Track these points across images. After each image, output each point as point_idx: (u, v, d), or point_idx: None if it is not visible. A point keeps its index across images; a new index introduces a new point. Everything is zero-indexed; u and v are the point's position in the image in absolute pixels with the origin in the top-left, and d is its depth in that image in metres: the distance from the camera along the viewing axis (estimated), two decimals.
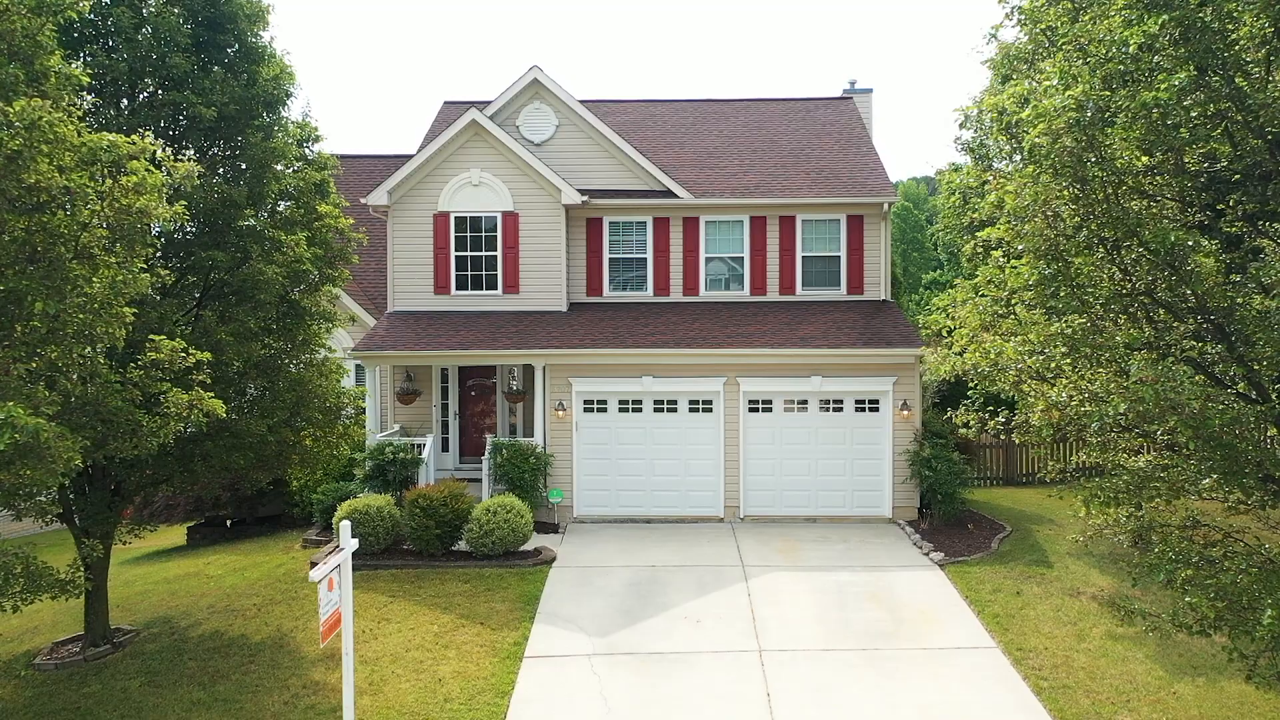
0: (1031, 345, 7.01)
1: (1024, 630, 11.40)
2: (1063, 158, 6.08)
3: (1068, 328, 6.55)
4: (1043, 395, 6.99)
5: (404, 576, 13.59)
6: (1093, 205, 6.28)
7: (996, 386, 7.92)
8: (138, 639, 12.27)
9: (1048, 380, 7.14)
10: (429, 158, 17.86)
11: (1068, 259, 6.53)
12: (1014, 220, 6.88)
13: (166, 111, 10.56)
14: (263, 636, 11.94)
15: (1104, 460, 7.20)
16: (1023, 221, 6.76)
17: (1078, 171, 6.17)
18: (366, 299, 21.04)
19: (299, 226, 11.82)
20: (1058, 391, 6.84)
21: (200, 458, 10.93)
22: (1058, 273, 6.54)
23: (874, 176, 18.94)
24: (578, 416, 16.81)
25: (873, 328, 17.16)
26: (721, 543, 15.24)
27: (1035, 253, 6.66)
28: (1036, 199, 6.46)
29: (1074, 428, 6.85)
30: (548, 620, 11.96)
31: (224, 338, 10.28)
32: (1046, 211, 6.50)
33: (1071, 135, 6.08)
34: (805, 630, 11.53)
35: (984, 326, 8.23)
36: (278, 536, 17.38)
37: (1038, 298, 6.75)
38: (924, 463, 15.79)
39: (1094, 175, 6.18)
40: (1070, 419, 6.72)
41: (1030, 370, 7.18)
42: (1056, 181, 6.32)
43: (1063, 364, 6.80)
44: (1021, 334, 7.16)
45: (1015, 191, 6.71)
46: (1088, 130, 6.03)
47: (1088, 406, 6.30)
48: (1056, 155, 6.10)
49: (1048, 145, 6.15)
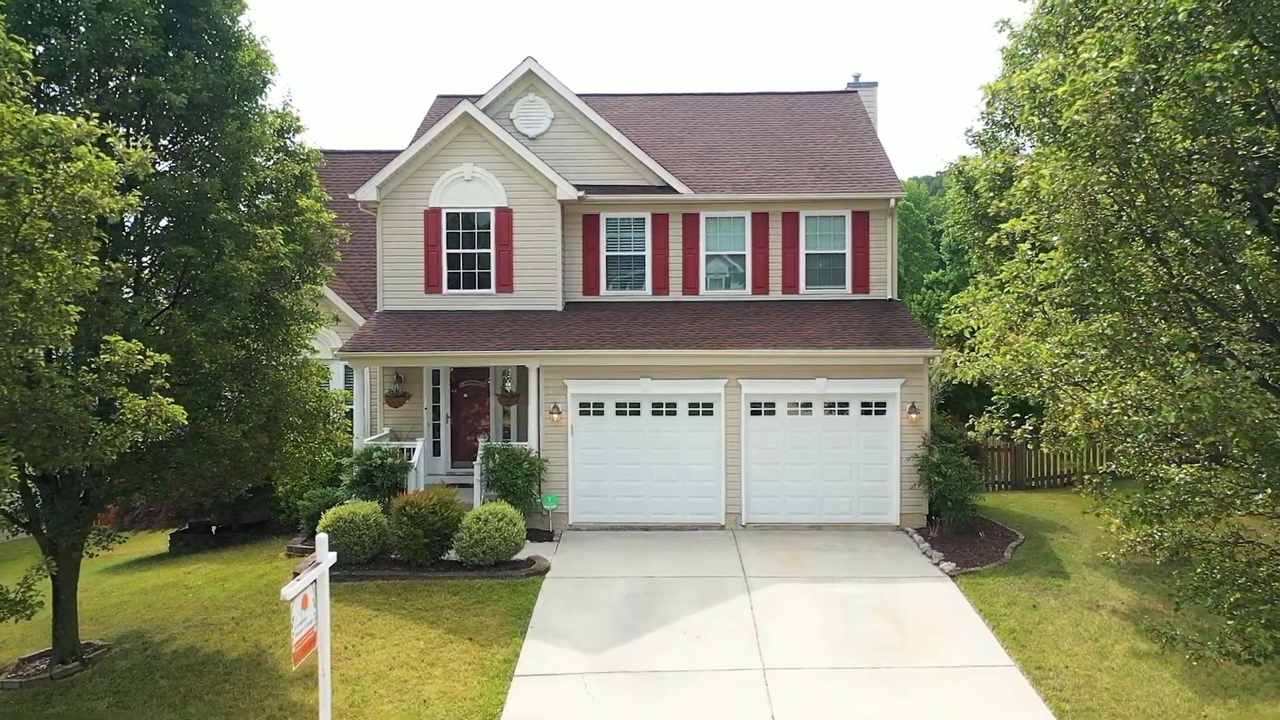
0: (1068, 347, 6.39)
1: (1042, 647, 10.79)
2: (1105, 137, 5.48)
3: (1108, 327, 5.94)
4: (1080, 402, 6.37)
5: (390, 588, 12.99)
6: (1134, 191, 5.67)
7: (1027, 392, 7.27)
8: (108, 655, 11.66)
9: (1084, 386, 6.51)
10: (419, 152, 17.27)
11: (1108, 251, 5.92)
12: (1045, 209, 6.27)
13: (134, 98, 9.95)
14: (240, 653, 11.34)
15: (1138, 471, 6.58)
16: (1055, 210, 6.15)
17: (1120, 153, 5.56)
18: (356, 298, 20.44)
19: (277, 221, 11.20)
20: (1096, 398, 6.22)
21: (172, 465, 10.32)
22: (1096, 266, 5.93)
23: (880, 171, 18.34)
24: (573, 420, 16.20)
25: (879, 327, 16.56)
26: (723, 552, 14.64)
27: (1072, 244, 6.04)
28: (1076, 183, 5.83)
29: (1114, 438, 6.23)
30: (540, 635, 11.36)
31: (195, 338, 9.66)
32: (1085, 198, 5.88)
33: (1116, 112, 5.48)
34: (811, 646, 10.94)
35: (1009, 326, 7.62)
36: (262, 544, 16.77)
37: (1073, 294, 6.14)
38: (933, 468, 15.18)
39: (1138, 157, 5.58)
40: (1111, 428, 6.10)
41: (1066, 374, 6.55)
42: (1097, 164, 5.71)
43: (1103, 367, 6.18)
44: (1054, 334, 6.55)
45: (1051, 175, 6.08)
46: (1133, 107, 5.43)
47: (1131, 415, 5.69)
48: (1098, 134, 5.49)
49: (1088, 123, 5.55)
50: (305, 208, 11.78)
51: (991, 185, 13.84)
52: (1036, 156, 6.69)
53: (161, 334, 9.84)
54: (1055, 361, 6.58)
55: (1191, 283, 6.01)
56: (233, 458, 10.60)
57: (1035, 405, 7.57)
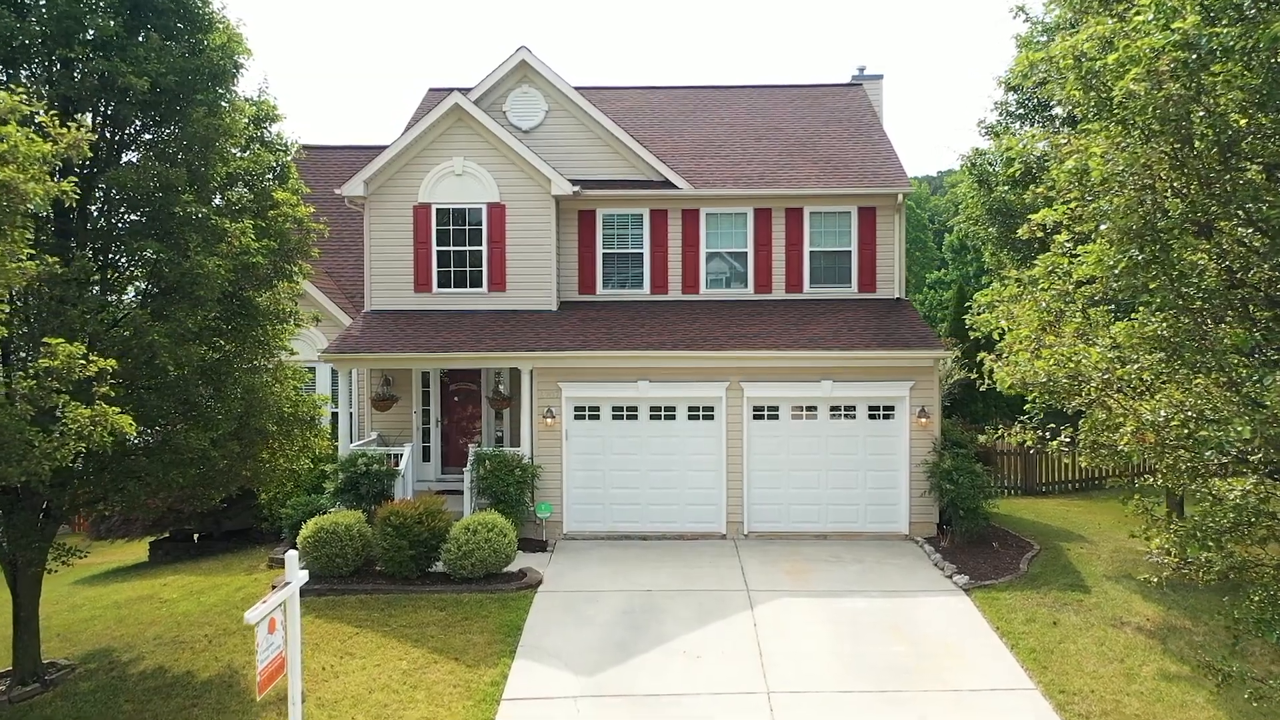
0: (1121, 351, 5.69)
1: (1065, 669, 10.12)
2: (1166, 110, 4.80)
3: (1165, 327, 5.25)
4: (1134, 413, 5.66)
5: (373, 603, 12.31)
6: (1194, 173, 4.99)
7: (1073, 403, 6.55)
8: (72, 676, 10.98)
9: (1135, 393, 5.80)
10: (408, 145, 16.59)
11: (1165, 241, 5.22)
12: (1088, 195, 5.57)
13: (92, 82, 9.25)
14: (211, 674, 10.67)
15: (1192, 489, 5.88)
16: (1102, 195, 5.45)
17: (1180, 128, 4.88)
18: (345, 298, 19.76)
19: (249, 215, 10.50)
20: (1152, 408, 5.52)
21: (135, 475, 9.63)
22: (1152, 258, 5.25)
23: (887, 165, 17.67)
24: (568, 424, 15.52)
25: (887, 328, 15.88)
26: (724, 563, 13.96)
27: (1124, 233, 5.35)
28: (1135, 162, 5.13)
29: (1170, 452, 5.53)
30: (530, 655, 10.69)
31: (159, 340, 8.97)
32: (1141, 181, 5.19)
33: (1179, 81, 4.80)
34: (818, 667, 10.27)
35: (1043, 327, 6.91)
36: (244, 554, 16.10)
37: (1124, 288, 5.44)
38: (944, 475, 14.49)
39: (1201, 133, 4.89)
40: (1170, 442, 5.40)
41: (1118, 382, 5.84)
42: (1156, 142, 5.02)
43: (1161, 373, 5.49)
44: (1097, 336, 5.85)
45: (1104, 155, 5.38)
46: (1196, 75, 4.76)
47: (1192, 428, 5.02)
48: (1158, 107, 4.81)
49: (1146, 94, 4.87)
50: (281, 201, 11.08)
51: (1024, 170, 13.02)
52: (1079, 135, 6.00)
53: (126, 335, 9.15)
54: (1106, 367, 5.85)
55: (1257, 279, 5.32)
56: (200, 467, 9.91)
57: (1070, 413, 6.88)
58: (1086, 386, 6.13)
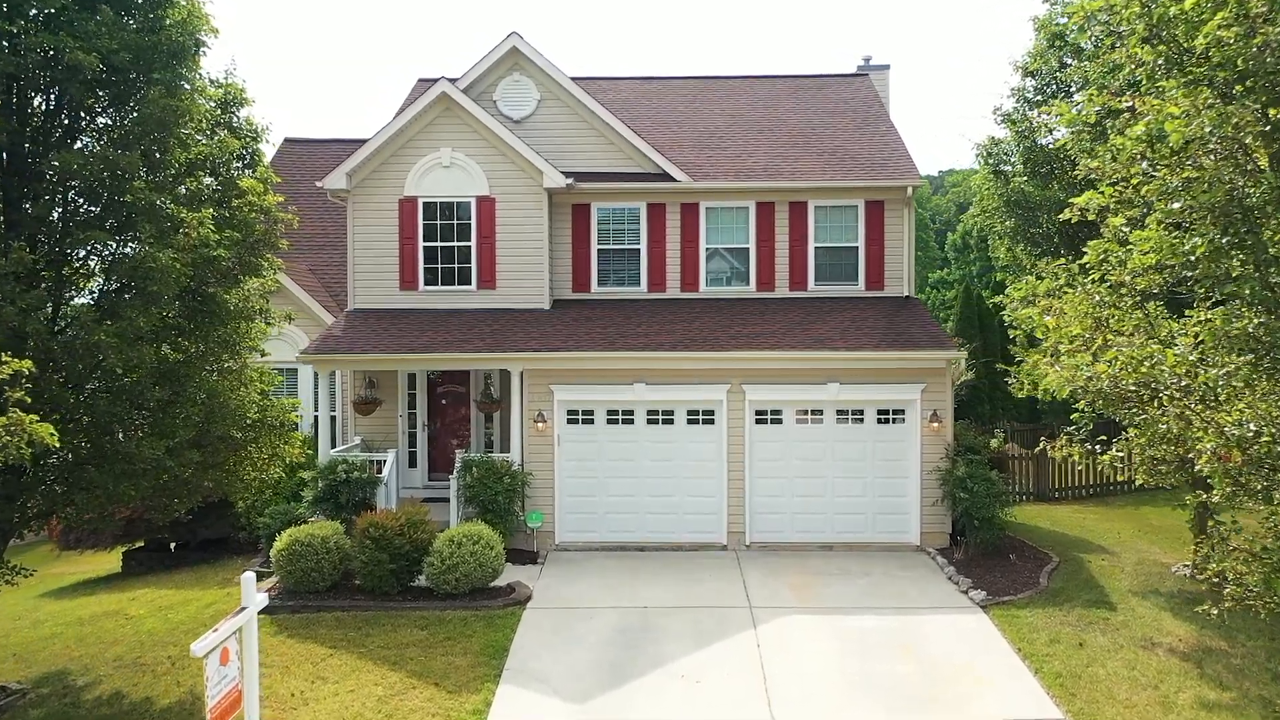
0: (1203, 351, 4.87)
1: (1095, 696, 9.32)
2: (1261, 60, 3.99)
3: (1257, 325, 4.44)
4: (1214, 425, 4.83)
5: (350, 621, 11.52)
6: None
7: (1144, 413, 5.71)
8: (23, 702, 10.18)
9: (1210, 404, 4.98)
10: (393, 135, 15.81)
11: (1254, 220, 4.40)
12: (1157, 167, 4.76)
13: (34, 57, 8.45)
14: (171, 700, 9.88)
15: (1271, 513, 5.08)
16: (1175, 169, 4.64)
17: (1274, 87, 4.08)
18: (329, 296, 18.97)
19: (209, 204, 9.70)
20: (1236, 420, 4.69)
21: (82, 487, 8.84)
22: (1238, 241, 4.43)
23: (895, 157, 16.89)
24: (560, 429, 14.73)
25: (896, 327, 15.10)
26: (725, 576, 13.17)
27: (1210, 211, 4.53)
28: (1224, 124, 4.29)
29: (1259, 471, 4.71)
30: (516, 679, 9.90)
31: (104, 339, 8.18)
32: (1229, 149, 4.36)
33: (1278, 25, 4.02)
34: (826, 692, 9.49)
35: (1096, 324, 6.09)
36: (220, 565, 15.31)
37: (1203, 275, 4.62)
38: (958, 482, 13.69)
39: None
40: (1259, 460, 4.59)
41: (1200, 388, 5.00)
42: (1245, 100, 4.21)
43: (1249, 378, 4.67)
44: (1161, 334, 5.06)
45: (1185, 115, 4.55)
46: None
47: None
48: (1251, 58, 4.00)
49: (1235, 42, 4.07)
50: (247, 189, 10.28)
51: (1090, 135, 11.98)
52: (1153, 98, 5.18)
53: (69, 336, 8.37)
54: (1187, 369, 5.00)
55: None
56: (155, 478, 9.10)
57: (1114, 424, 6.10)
58: (1161, 394, 5.28)
